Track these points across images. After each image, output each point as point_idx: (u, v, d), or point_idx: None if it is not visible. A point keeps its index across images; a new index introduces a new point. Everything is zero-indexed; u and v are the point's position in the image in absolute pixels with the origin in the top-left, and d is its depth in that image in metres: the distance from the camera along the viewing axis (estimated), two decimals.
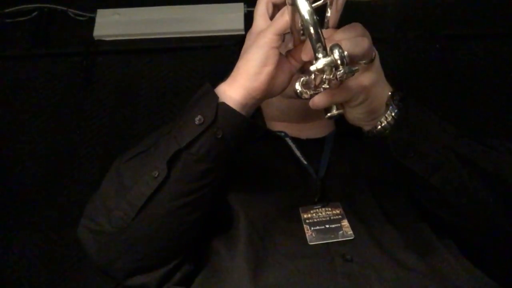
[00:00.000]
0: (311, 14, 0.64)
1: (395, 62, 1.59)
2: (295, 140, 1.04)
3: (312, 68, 0.64)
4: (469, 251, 0.89)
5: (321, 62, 0.63)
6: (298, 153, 1.01)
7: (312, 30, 0.64)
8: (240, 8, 1.77)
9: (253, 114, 0.84)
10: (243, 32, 1.71)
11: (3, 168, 1.52)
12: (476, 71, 1.65)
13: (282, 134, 1.05)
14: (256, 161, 0.99)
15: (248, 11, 1.75)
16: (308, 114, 1.05)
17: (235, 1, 1.78)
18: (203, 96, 0.79)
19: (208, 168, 0.78)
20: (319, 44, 0.64)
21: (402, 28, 1.66)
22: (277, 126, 1.08)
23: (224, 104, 0.76)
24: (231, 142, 0.78)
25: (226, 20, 1.75)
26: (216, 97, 0.76)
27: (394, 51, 1.61)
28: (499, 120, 1.58)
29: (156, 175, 0.78)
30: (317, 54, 0.64)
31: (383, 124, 0.79)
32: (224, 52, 1.68)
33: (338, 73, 0.63)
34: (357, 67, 0.66)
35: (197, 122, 0.75)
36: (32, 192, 1.48)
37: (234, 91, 0.76)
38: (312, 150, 1.02)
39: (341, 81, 0.67)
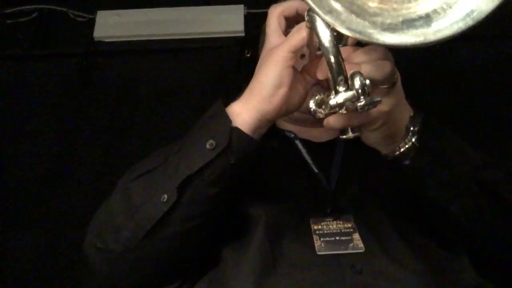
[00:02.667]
0: (333, 44, 0.59)
1: (396, 62, 1.58)
2: (305, 143, 1.01)
3: (332, 102, 0.61)
4: (480, 263, 0.87)
5: (342, 96, 0.60)
6: (308, 159, 0.98)
7: (332, 60, 0.60)
8: (240, 9, 1.75)
9: None
10: (243, 34, 1.70)
11: (3, 168, 1.52)
12: (476, 71, 1.64)
13: (292, 135, 1.02)
14: (266, 165, 0.95)
15: (248, 12, 1.75)
16: (320, 121, 1.03)
17: (235, 3, 1.77)
18: (215, 117, 0.76)
19: (219, 192, 0.76)
20: (341, 77, 0.60)
21: None
22: (286, 126, 1.05)
23: (237, 129, 0.73)
24: (243, 167, 0.76)
25: (226, 21, 1.75)
26: (229, 120, 0.73)
27: (394, 51, 1.59)
28: (499, 120, 1.58)
29: (165, 200, 0.76)
30: (337, 87, 0.60)
31: (402, 150, 0.75)
32: (224, 53, 1.68)
33: (359, 104, 0.60)
34: (379, 99, 0.62)
35: (208, 147, 0.73)
36: (32, 192, 1.48)
37: (247, 113, 0.74)
38: (323, 155, 0.99)
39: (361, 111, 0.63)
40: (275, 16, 0.79)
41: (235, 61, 1.64)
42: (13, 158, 1.54)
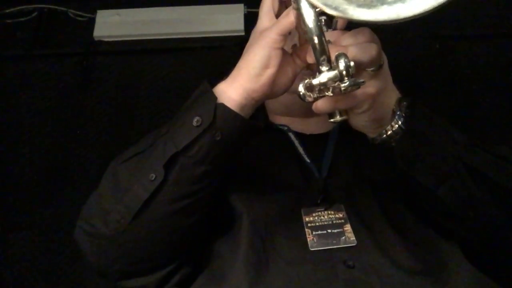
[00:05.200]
0: (316, 24, 0.61)
1: (395, 62, 1.58)
2: (298, 135, 1.01)
3: (315, 81, 0.62)
4: (473, 255, 0.87)
5: (325, 76, 0.61)
6: (301, 150, 0.98)
7: (316, 41, 0.61)
8: (240, 9, 1.76)
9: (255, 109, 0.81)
10: (243, 33, 1.71)
11: (3, 168, 1.52)
12: (476, 71, 1.64)
13: (285, 128, 1.03)
14: (258, 157, 0.97)
15: (248, 12, 1.75)
16: (311, 110, 1.04)
17: (235, 2, 1.78)
18: (201, 95, 0.76)
19: (206, 170, 0.76)
20: (323, 57, 0.61)
21: (402, 28, 1.66)
22: (279, 119, 1.06)
23: (222, 105, 0.73)
24: (230, 144, 0.75)
25: (226, 21, 1.75)
26: (214, 97, 0.73)
27: (394, 51, 1.60)
28: (499, 120, 1.58)
29: (153, 178, 0.76)
30: (320, 67, 0.61)
31: (388, 133, 0.76)
32: (224, 53, 1.68)
33: (343, 85, 0.61)
34: (362, 80, 0.63)
35: (194, 124, 0.73)
36: (32, 192, 1.48)
37: (233, 91, 0.74)
38: (315, 146, 1.00)
39: (345, 92, 0.64)
40: None
41: (235, 61, 1.64)
42: (13, 158, 1.54)
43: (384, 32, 0.70)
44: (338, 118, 0.71)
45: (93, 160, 1.52)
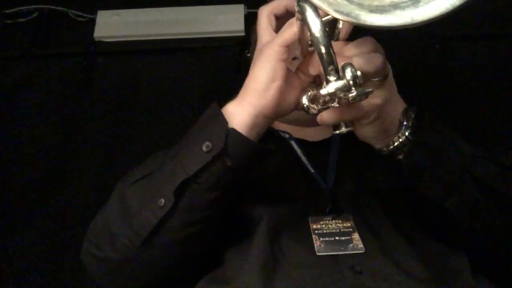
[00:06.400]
0: (323, 33, 0.60)
1: (395, 62, 1.58)
2: (300, 142, 1.00)
3: (323, 92, 0.61)
4: (481, 266, 0.86)
5: (333, 86, 0.60)
6: (304, 159, 0.97)
7: (323, 50, 0.60)
8: (240, 9, 1.76)
9: None
10: (243, 34, 1.70)
11: (3, 168, 1.52)
12: (476, 71, 1.64)
13: (287, 136, 1.02)
14: (262, 166, 0.93)
15: (248, 12, 1.75)
16: (314, 121, 1.03)
17: (235, 2, 1.78)
18: (211, 119, 0.75)
19: (217, 196, 0.75)
20: (331, 67, 0.60)
21: (402, 29, 1.66)
22: (280, 125, 1.05)
23: (234, 130, 0.72)
24: (240, 170, 0.75)
25: (226, 21, 1.75)
26: (225, 122, 0.72)
27: (394, 51, 1.60)
28: (499, 120, 1.57)
29: (162, 204, 0.75)
30: (328, 77, 0.61)
31: (395, 144, 0.75)
32: (225, 53, 1.68)
33: (351, 95, 0.60)
34: (370, 89, 0.62)
35: (205, 149, 0.72)
36: (32, 193, 1.47)
37: (242, 111, 0.73)
38: (319, 154, 0.98)
39: (353, 103, 0.63)
40: (265, 15, 0.79)
41: (235, 61, 1.64)
42: (13, 158, 1.53)
43: (384, 32, 0.70)
44: (343, 129, 0.71)
45: (93, 160, 1.52)
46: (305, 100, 0.70)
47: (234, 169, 0.73)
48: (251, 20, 1.67)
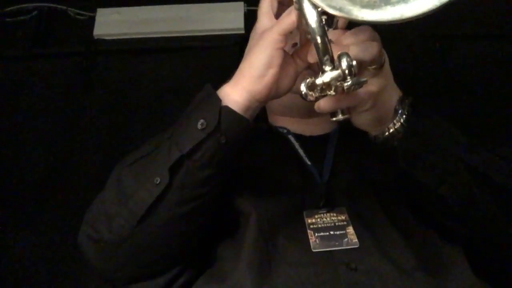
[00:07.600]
0: (318, 24, 0.61)
1: (395, 62, 1.58)
2: (298, 137, 1.01)
3: (318, 81, 0.62)
4: (476, 257, 0.87)
5: (328, 75, 0.61)
6: (301, 152, 0.98)
7: (319, 41, 0.61)
8: (240, 7, 1.76)
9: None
10: (243, 32, 1.71)
11: (3, 168, 1.52)
12: (476, 71, 1.64)
13: (285, 131, 1.03)
14: (259, 161, 0.97)
15: (248, 10, 1.75)
16: (312, 110, 1.03)
17: (235, 0, 1.78)
18: (205, 98, 0.76)
19: (211, 174, 0.76)
20: (326, 57, 0.62)
21: (402, 28, 1.66)
22: (279, 121, 1.06)
23: (227, 107, 0.73)
24: (234, 147, 0.75)
25: (226, 19, 1.75)
26: (219, 100, 0.73)
27: (394, 51, 1.59)
28: (499, 120, 1.58)
29: (157, 182, 0.76)
30: (323, 67, 0.62)
31: (391, 131, 0.76)
32: (224, 52, 1.68)
33: (346, 84, 0.61)
34: (365, 79, 0.63)
35: (199, 127, 0.73)
36: (32, 192, 1.48)
37: (237, 93, 0.74)
38: (316, 148, 0.99)
39: (348, 92, 0.64)
40: None
41: (235, 60, 1.64)
42: (13, 157, 1.54)
43: (384, 32, 0.70)
44: (340, 116, 0.72)
45: (93, 160, 1.53)
46: (303, 88, 0.70)
47: (228, 146, 0.74)
48: (251, 18, 1.67)
